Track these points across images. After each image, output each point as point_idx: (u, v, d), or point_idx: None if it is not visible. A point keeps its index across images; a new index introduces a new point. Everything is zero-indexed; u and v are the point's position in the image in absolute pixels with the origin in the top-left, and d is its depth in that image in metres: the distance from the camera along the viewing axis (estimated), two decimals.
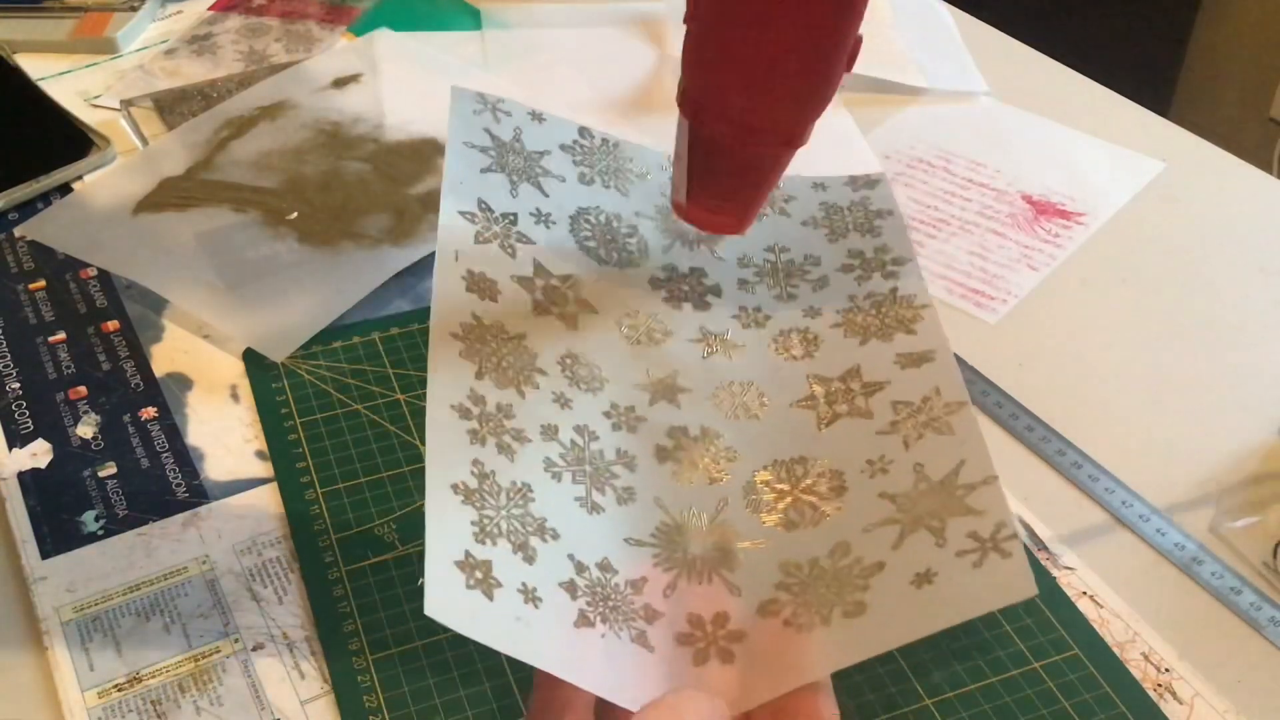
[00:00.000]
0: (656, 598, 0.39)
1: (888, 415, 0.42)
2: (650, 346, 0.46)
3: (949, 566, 0.37)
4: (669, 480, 0.43)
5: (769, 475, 0.43)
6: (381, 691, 0.48)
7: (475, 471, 0.38)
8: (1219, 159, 0.82)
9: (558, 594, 0.37)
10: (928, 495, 0.39)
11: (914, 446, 0.41)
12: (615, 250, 0.47)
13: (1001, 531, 0.37)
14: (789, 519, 0.41)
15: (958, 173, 0.80)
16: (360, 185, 0.74)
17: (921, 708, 0.48)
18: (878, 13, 0.95)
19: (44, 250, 0.70)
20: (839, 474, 0.42)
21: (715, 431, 0.44)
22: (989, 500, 0.38)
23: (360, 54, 0.87)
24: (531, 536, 0.38)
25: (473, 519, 0.37)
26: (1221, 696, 0.49)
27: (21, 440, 0.59)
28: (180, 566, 0.53)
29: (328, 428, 0.59)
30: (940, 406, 0.42)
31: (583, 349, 0.44)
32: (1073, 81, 0.91)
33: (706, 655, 0.38)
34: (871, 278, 0.47)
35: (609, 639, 0.37)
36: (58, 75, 0.87)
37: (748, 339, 0.46)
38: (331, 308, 0.65)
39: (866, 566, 0.39)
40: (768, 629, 0.38)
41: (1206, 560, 0.55)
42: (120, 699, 0.48)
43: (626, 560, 0.40)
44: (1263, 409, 0.62)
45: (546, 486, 0.39)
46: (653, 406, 0.44)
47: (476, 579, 0.35)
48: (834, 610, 0.38)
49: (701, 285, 0.48)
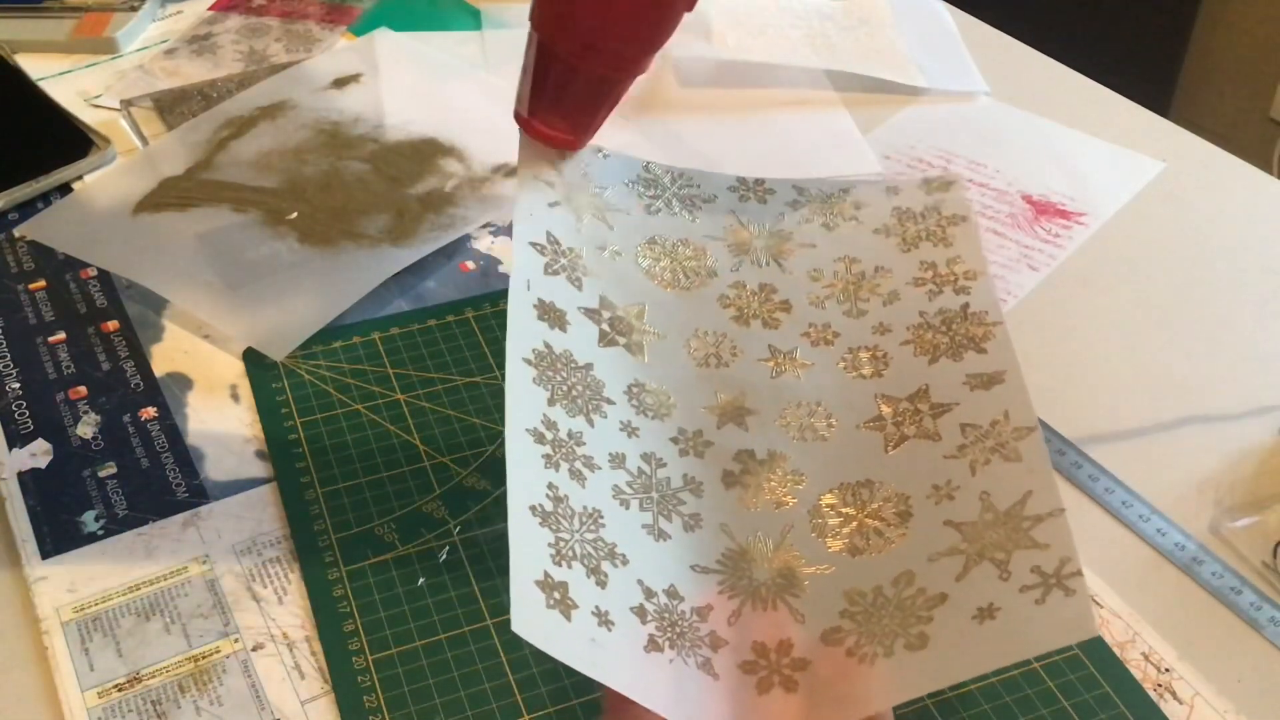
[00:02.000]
0: (721, 625, 0.40)
1: (956, 439, 0.42)
2: (718, 368, 0.46)
3: (1012, 602, 0.37)
4: (735, 505, 0.43)
5: (834, 499, 0.43)
6: (381, 691, 0.48)
7: (550, 495, 0.38)
8: (1219, 159, 0.82)
9: (628, 618, 0.37)
10: (994, 526, 0.39)
11: (981, 473, 0.41)
12: (683, 274, 0.47)
13: (1066, 567, 0.37)
14: (854, 545, 0.41)
15: (958, 173, 0.80)
16: (360, 185, 0.74)
17: (921, 708, 0.48)
18: (878, 13, 0.95)
19: (44, 250, 0.70)
20: (905, 498, 0.42)
21: (782, 454, 0.44)
22: (1054, 534, 0.38)
23: (360, 54, 0.87)
24: (603, 561, 0.38)
25: (549, 540, 0.37)
26: (1221, 696, 0.49)
27: (21, 440, 0.59)
28: (180, 566, 0.53)
29: (328, 428, 0.59)
30: (1009, 432, 0.41)
31: (649, 376, 0.44)
32: (1073, 81, 0.91)
33: (770, 684, 0.38)
34: (943, 292, 0.46)
35: (676, 664, 0.37)
36: (58, 75, 0.87)
37: (816, 357, 0.46)
38: (331, 308, 0.65)
39: (930, 598, 0.38)
40: (831, 658, 0.38)
41: (1206, 560, 0.55)
42: (120, 699, 0.48)
43: (693, 587, 0.40)
44: (1263, 409, 0.62)
45: (615, 513, 0.40)
46: (720, 430, 0.44)
47: (555, 599, 0.36)
48: (896, 642, 0.38)
49: (771, 302, 0.47)
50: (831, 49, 0.90)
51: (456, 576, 0.52)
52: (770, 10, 0.93)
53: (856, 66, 0.88)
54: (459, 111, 0.81)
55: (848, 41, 0.91)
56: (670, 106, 0.85)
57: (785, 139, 0.82)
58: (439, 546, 0.54)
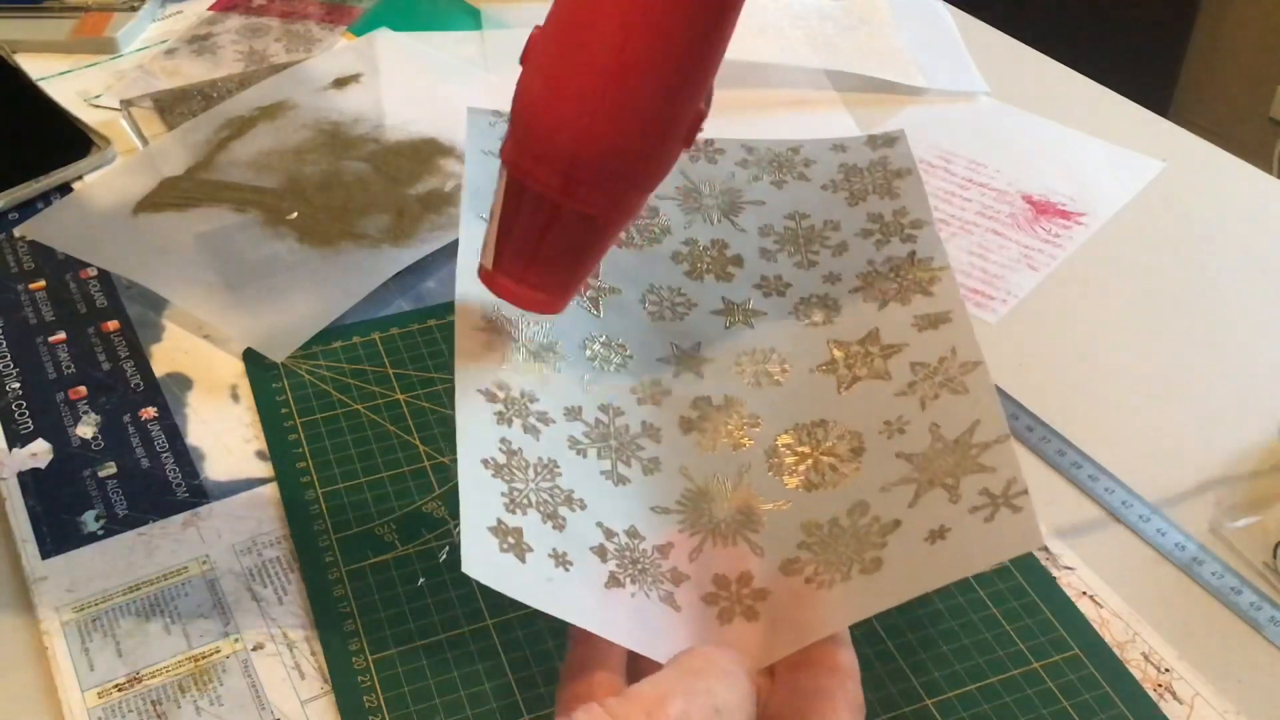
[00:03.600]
0: (683, 561, 0.41)
1: (906, 377, 0.44)
2: (674, 321, 0.47)
3: (962, 522, 0.38)
4: (693, 449, 0.44)
5: (790, 439, 0.44)
6: (381, 691, 0.48)
7: (503, 449, 0.39)
8: (1219, 159, 0.82)
9: (588, 558, 0.38)
10: (943, 454, 0.41)
11: (930, 407, 0.42)
12: (635, 231, 0.48)
13: (1013, 488, 0.38)
14: (810, 481, 0.43)
15: (958, 173, 0.80)
16: (360, 185, 0.74)
17: (921, 708, 0.48)
18: (878, 13, 0.95)
19: (44, 250, 0.70)
20: (858, 436, 0.43)
21: (738, 399, 0.45)
22: (1001, 458, 0.39)
23: (360, 54, 0.87)
24: (560, 507, 0.39)
25: (503, 490, 0.38)
26: (1221, 696, 0.49)
27: (21, 440, 0.59)
28: (180, 566, 0.53)
29: (328, 428, 0.59)
30: (956, 367, 0.43)
31: (606, 329, 0.45)
32: (1073, 81, 0.91)
33: (732, 614, 0.40)
34: (890, 241, 0.48)
35: (638, 598, 0.39)
36: (58, 75, 0.87)
37: (769, 307, 0.47)
38: (331, 308, 0.65)
39: (884, 524, 0.40)
40: (790, 587, 0.40)
41: (1206, 560, 0.55)
42: (120, 699, 0.48)
43: (653, 527, 0.41)
44: (1263, 409, 0.62)
45: (572, 462, 0.41)
46: (677, 379, 0.45)
47: (509, 544, 0.37)
48: (853, 567, 0.39)
49: (724, 256, 0.49)
50: (831, 49, 0.90)
51: (456, 576, 0.52)
52: (770, 10, 0.93)
53: (856, 66, 0.88)
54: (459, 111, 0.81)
55: (848, 41, 0.91)
56: None
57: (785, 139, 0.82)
58: (439, 546, 0.54)
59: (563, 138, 0.37)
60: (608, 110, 0.36)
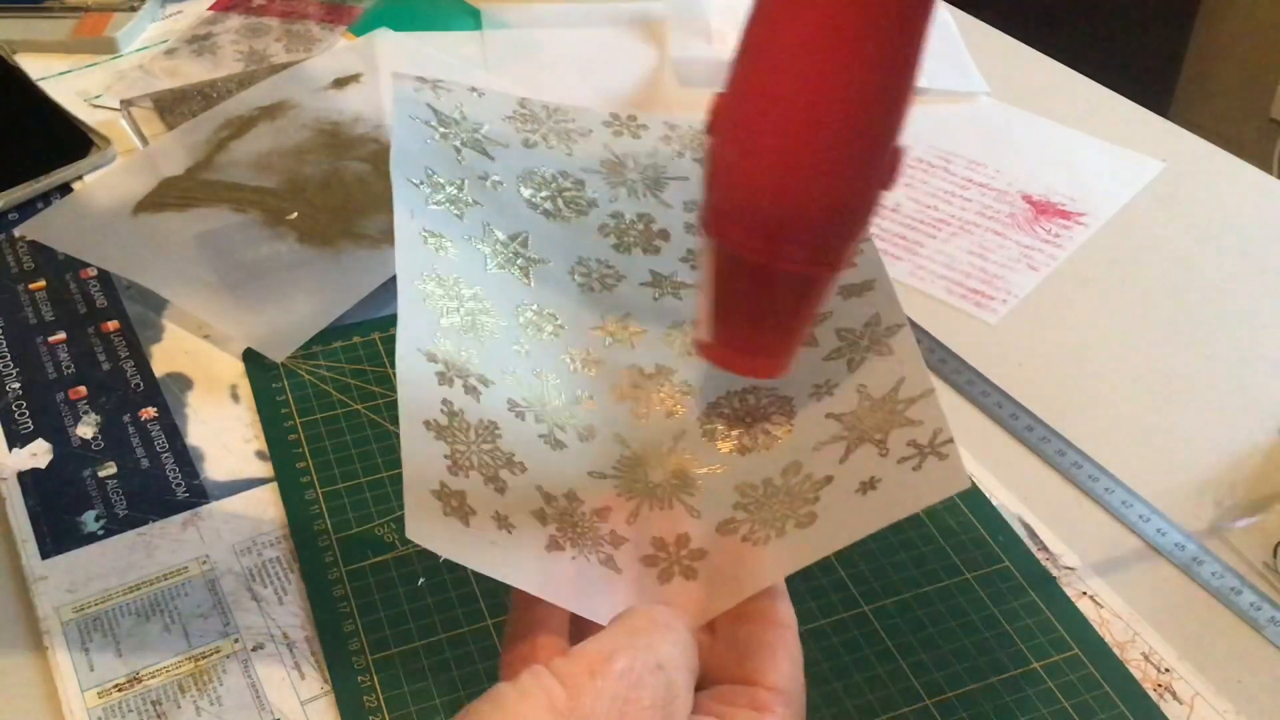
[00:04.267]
0: (621, 524, 0.41)
1: (832, 342, 0.44)
2: (603, 292, 0.48)
3: (891, 472, 0.39)
4: (628, 417, 0.45)
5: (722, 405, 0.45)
6: (381, 691, 0.48)
7: (445, 410, 0.40)
8: (1219, 159, 0.82)
9: (529, 520, 0.39)
10: (871, 412, 0.41)
11: (857, 369, 0.43)
12: (563, 204, 0.49)
13: (939, 438, 0.39)
14: (743, 445, 0.43)
15: (957, 173, 0.80)
16: (360, 185, 0.74)
17: (921, 708, 0.48)
18: None
19: (44, 250, 0.70)
20: (788, 400, 0.44)
21: (670, 368, 0.46)
22: (927, 411, 0.40)
23: (360, 54, 0.87)
24: (501, 469, 0.40)
25: (445, 453, 0.38)
26: (1221, 696, 0.49)
27: (21, 440, 0.59)
28: (180, 566, 0.53)
29: (328, 428, 0.59)
30: (881, 330, 0.44)
31: (536, 299, 0.46)
32: (1073, 81, 0.91)
33: (671, 574, 0.40)
34: None
35: (579, 561, 0.39)
36: (58, 75, 0.87)
37: (696, 279, 0.48)
38: (331, 308, 0.65)
39: (816, 481, 0.41)
40: (727, 546, 0.40)
41: (1206, 560, 0.55)
42: (120, 699, 0.48)
43: (591, 492, 0.42)
44: (1263, 409, 0.62)
45: (511, 425, 0.41)
46: (608, 349, 0.46)
47: (452, 507, 0.37)
48: (787, 522, 0.40)
49: (650, 230, 0.49)
50: None
51: (456, 576, 0.52)
52: None
53: None
54: None
55: None
56: (670, 106, 0.85)
57: None
58: None
59: (764, 200, 0.37)
60: (805, 166, 0.36)
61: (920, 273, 0.72)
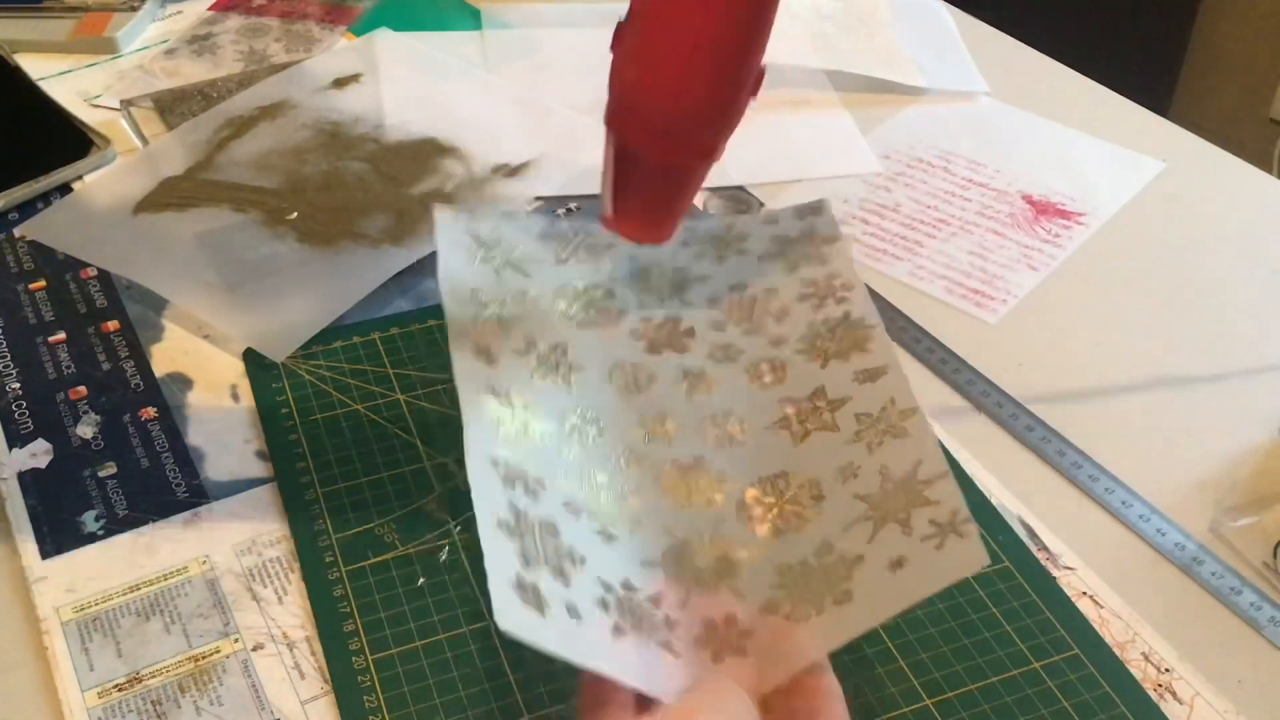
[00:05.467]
0: (673, 609, 0.45)
1: (852, 426, 0.49)
2: (639, 394, 0.52)
3: (916, 551, 0.43)
4: (671, 508, 0.48)
5: (757, 492, 0.49)
6: (381, 691, 0.48)
7: (511, 510, 0.43)
8: (1219, 159, 0.83)
9: (594, 610, 0.42)
10: (894, 493, 0.45)
11: (877, 451, 0.47)
12: (595, 313, 0.53)
13: (957, 517, 0.43)
14: (778, 528, 0.47)
15: (957, 173, 0.80)
16: (360, 185, 0.74)
17: (921, 708, 0.48)
18: (878, 13, 0.95)
19: (44, 250, 0.70)
20: (816, 483, 0.48)
21: (706, 459, 0.50)
22: (944, 491, 0.44)
23: (360, 54, 0.87)
24: (564, 562, 0.43)
25: (517, 550, 0.42)
26: (1221, 696, 0.49)
27: (21, 440, 0.59)
28: (180, 566, 0.53)
29: (328, 428, 0.59)
30: (895, 414, 0.48)
31: (578, 405, 0.50)
32: (1073, 81, 0.91)
33: (723, 654, 0.44)
34: (825, 304, 0.52)
35: (640, 646, 0.43)
36: (58, 75, 0.87)
37: (723, 374, 0.52)
38: (331, 308, 0.65)
39: (849, 560, 0.45)
40: (771, 625, 0.44)
41: (1206, 560, 0.55)
42: (120, 699, 0.48)
43: (644, 579, 0.46)
44: (1263, 409, 0.62)
45: (568, 522, 0.45)
46: (649, 445, 0.50)
47: (529, 598, 0.40)
48: (825, 600, 0.44)
49: (678, 331, 0.53)
50: (831, 49, 0.90)
51: (456, 576, 0.52)
52: None
53: (856, 66, 0.88)
54: (459, 111, 0.81)
55: (848, 41, 0.91)
56: None
57: (785, 139, 0.82)
58: (439, 546, 0.54)
59: (661, 105, 0.44)
60: (695, 81, 0.44)
61: (920, 273, 0.72)
